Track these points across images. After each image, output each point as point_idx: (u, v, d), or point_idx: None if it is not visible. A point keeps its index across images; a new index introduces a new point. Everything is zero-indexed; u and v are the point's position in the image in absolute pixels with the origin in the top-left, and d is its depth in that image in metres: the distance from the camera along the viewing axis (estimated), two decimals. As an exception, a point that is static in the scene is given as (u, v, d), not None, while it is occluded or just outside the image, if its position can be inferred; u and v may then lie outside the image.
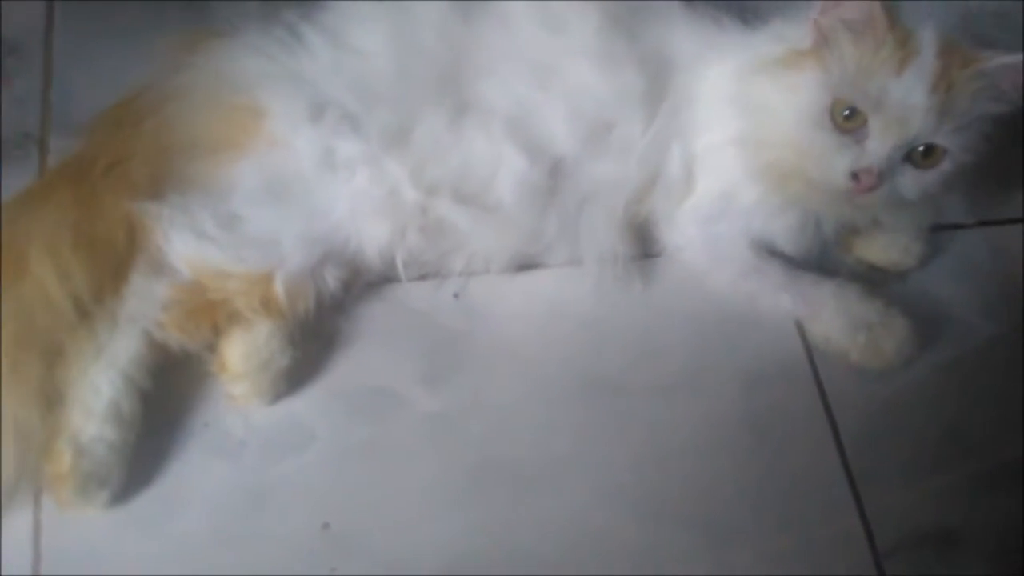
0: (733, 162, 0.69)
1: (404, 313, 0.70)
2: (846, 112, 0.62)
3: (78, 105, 0.74)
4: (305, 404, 0.66)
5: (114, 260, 0.63)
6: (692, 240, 0.72)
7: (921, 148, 0.63)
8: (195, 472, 0.63)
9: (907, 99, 0.61)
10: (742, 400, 0.69)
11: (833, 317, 0.69)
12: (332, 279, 0.66)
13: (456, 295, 0.71)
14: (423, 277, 0.71)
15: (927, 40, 0.62)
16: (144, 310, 0.62)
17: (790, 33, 0.66)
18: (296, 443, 0.65)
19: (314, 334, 0.67)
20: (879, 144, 0.62)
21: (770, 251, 0.72)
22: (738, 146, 0.68)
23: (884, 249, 0.74)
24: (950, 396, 0.70)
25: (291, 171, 0.65)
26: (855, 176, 0.62)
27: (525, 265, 0.72)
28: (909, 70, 0.61)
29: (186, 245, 0.62)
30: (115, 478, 0.60)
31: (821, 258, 0.73)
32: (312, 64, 0.67)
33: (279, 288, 0.63)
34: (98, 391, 0.60)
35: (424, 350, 0.69)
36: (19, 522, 0.60)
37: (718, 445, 0.67)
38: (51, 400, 0.59)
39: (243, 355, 0.63)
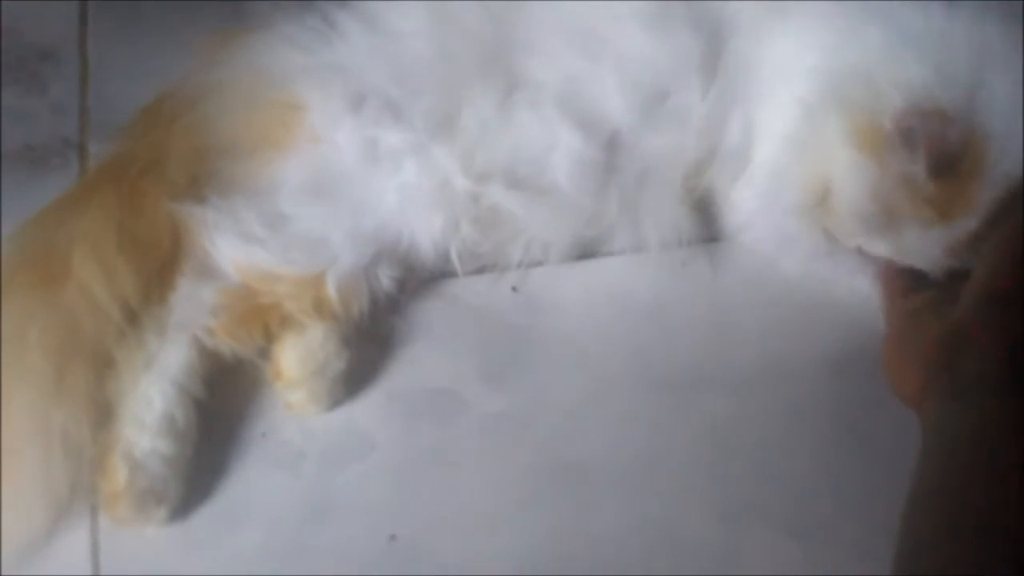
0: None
1: (462, 310, 0.67)
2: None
3: (117, 110, 0.72)
4: (364, 410, 0.63)
5: (160, 262, 0.61)
6: (752, 217, 0.67)
7: None
8: (254, 484, 0.61)
9: (925, 249, 0.59)
10: (825, 390, 0.65)
11: None
12: (386, 278, 0.63)
13: (515, 288, 0.67)
14: (480, 271, 0.67)
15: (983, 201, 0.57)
16: (193, 317, 0.59)
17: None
18: (357, 451, 0.62)
19: (369, 336, 0.65)
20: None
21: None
22: (789, 141, 0.64)
23: None
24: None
25: (336, 167, 0.62)
26: None
27: (585, 254, 0.68)
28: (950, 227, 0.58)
29: (233, 248, 0.60)
30: (172, 493, 0.58)
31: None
32: (349, 53, 0.64)
33: (331, 289, 0.61)
34: (150, 403, 0.58)
35: (484, 347, 0.66)
36: (76, 541, 0.58)
37: (802, 438, 0.63)
38: (103, 414, 0.57)
39: (298, 361, 0.60)
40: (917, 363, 0.54)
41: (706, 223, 0.68)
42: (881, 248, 0.61)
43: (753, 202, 0.66)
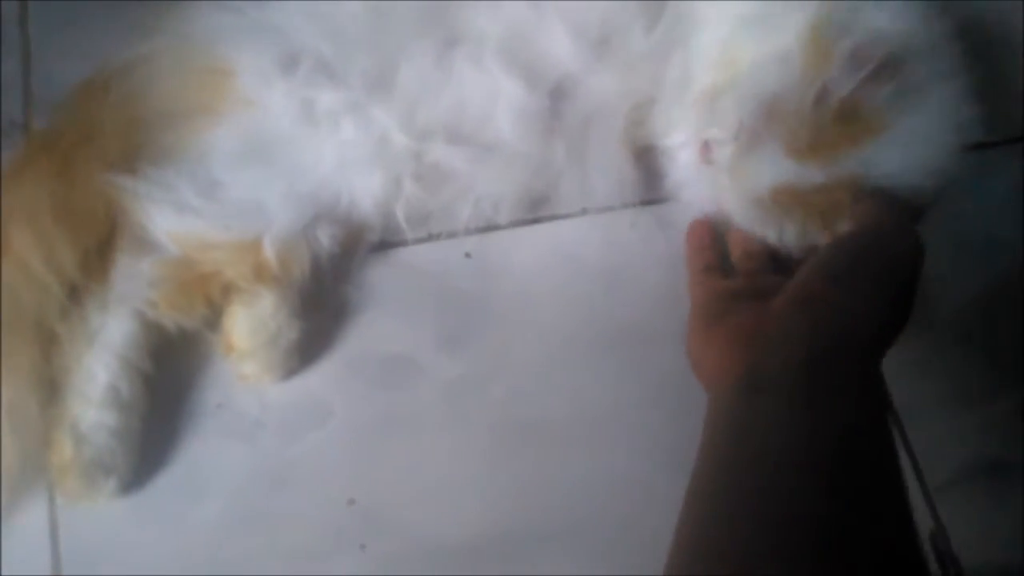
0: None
1: (416, 277, 0.67)
2: None
3: (61, 89, 0.70)
4: (320, 378, 0.63)
5: (97, 234, 0.60)
6: (688, 172, 0.65)
7: None
8: (212, 456, 0.61)
9: (765, 174, 0.58)
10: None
11: None
12: (327, 238, 0.62)
13: (468, 254, 0.68)
14: (432, 237, 0.67)
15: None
16: (133, 290, 0.59)
17: None
18: (314, 419, 0.62)
19: (324, 305, 0.64)
20: None
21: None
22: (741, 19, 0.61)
23: None
24: (991, 321, 0.67)
25: (270, 129, 0.61)
26: None
27: (536, 211, 0.68)
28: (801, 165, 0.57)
29: (168, 220, 0.59)
30: (121, 465, 0.58)
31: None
32: (282, 13, 0.63)
33: (269, 253, 0.60)
34: (94, 376, 0.57)
35: (439, 313, 0.66)
36: (35, 518, 0.58)
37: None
38: (49, 389, 0.57)
39: (248, 331, 0.60)
40: (718, 347, 0.52)
41: (650, 179, 0.67)
42: (726, 153, 0.59)
43: (688, 149, 0.64)
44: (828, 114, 0.56)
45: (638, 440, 0.63)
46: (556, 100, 0.64)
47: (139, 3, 0.67)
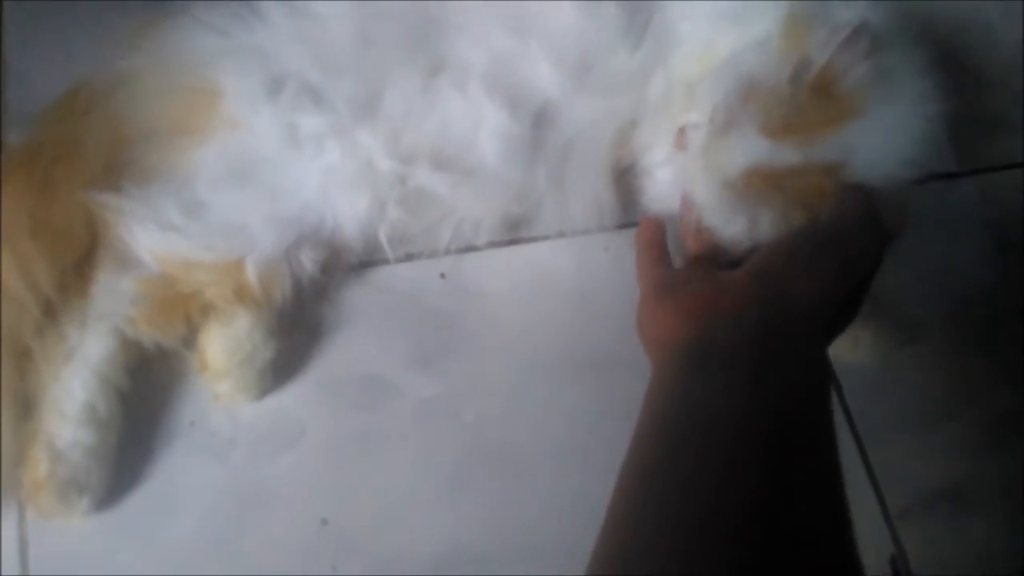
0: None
1: (391, 297, 0.67)
2: None
3: (36, 102, 0.70)
4: (294, 398, 0.64)
5: (75, 252, 0.60)
6: (666, 188, 0.66)
7: None
8: (184, 474, 0.61)
9: (738, 154, 0.57)
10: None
11: None
12: (309, 262, 0.63)
13: (443, 275, 0.68)
14: (409, 257, 0.68)
15: None
16: (113, 307, 0.59)
17: None
18: (287, 438, 0.63)
19: (298, 324, 0.65)
20: None
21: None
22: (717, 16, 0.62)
23: None
24: (952, 348, 0.69)
25: (254, 152, 0.62)
26: None
27: (515, 233, 0.69)
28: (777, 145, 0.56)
29: (150, 237, 0.59)
30: (96, 483, 0.57)
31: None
32: (269, 36, 0.63)
33: (251, 275, 0.60)
34: (71, 394, 0.57)
35: (413, 334, 0.66)
36: (5, 535, 0.58)
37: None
38: (24, 407, 0.57)
39: (224, 351, 0.60)
40: (668, 315, 0.52)
41: (626, 203, 0.69)
42: (700, 137, 0.59)
43: (667, 167, 0.65)
44: (804, 90, 0.55)
45: (607, 463, 0.63)
46: (538, 127, 0.65)
47: (119, 18, 0.67)
